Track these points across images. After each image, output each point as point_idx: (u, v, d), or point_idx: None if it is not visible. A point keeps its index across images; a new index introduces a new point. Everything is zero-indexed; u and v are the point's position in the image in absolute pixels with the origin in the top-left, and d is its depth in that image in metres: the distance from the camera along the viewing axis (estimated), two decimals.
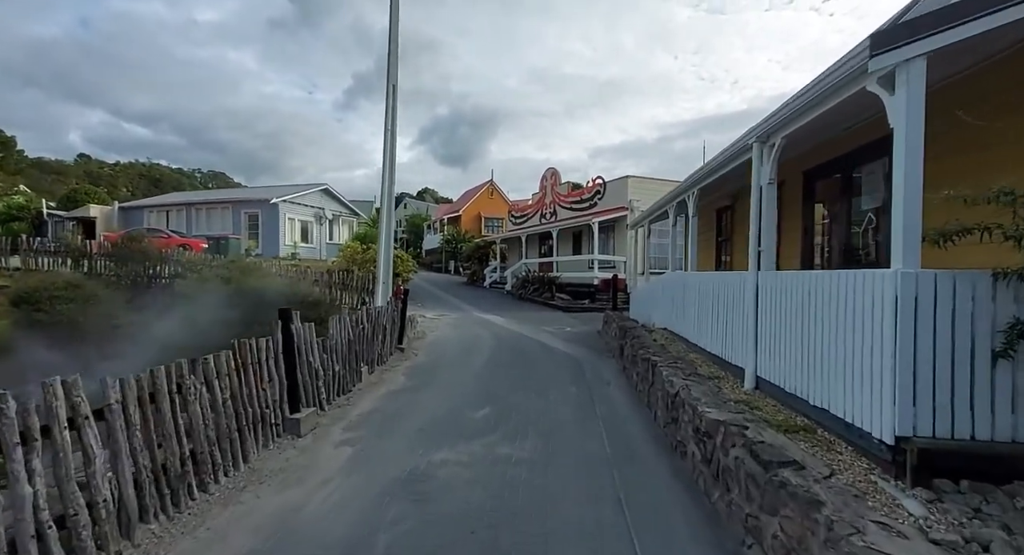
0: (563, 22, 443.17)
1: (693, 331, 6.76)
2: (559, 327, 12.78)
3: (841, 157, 5.34)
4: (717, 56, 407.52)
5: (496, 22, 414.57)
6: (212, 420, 3.66)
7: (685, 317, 7.14)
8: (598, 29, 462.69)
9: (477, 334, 11.50)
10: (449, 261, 32.76)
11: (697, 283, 6.55)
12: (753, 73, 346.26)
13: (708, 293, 6.03)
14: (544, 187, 22.92)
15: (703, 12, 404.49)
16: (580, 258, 18.93)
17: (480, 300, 19.11)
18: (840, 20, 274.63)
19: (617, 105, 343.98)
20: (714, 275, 5.82)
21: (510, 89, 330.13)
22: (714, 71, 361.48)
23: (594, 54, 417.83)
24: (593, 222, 16.63)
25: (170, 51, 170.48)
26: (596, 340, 10.99)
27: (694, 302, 6.64)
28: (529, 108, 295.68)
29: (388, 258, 10.89)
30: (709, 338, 6.02)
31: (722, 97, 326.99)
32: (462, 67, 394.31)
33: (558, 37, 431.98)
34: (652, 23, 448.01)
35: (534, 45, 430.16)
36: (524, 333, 11.77)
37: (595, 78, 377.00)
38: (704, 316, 6.21)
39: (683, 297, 7.19)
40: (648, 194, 16.85)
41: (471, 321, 13.72)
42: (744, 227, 8.58)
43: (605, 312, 11.80)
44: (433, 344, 10.17)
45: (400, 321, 9.01)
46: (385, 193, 10.78)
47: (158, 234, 22.78)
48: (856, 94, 3.21)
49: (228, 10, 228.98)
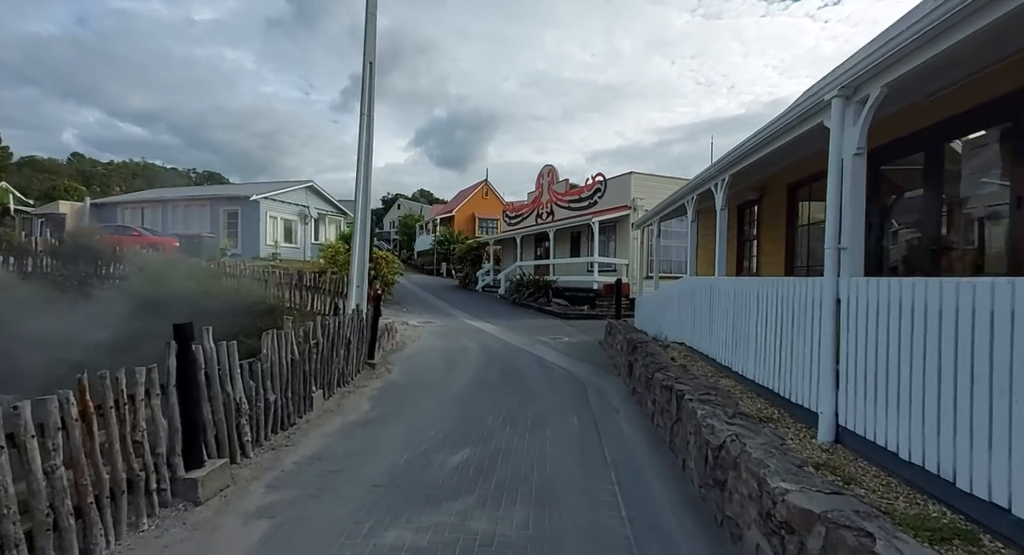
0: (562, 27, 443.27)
1: (724, 350, 5.50)
2: (556, 337, 11.50)
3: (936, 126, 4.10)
4: (714, 61, 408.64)
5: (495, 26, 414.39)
6: (25, 502, 2.35)
7: (712, 332, 5.88)
8: (596, 34, 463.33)
9: (464, 345, 10.20)
10: (441, 263, 31.45)
11: (732, 291, 5.29)
12: (750, 78, 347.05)
13: (750, 304, 4.77)
14: (541, 185, 21.67)
15: (700, 18, 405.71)
16: (579, 261, 17.68)
17: (471, 305, 17.80)
18: (834, 27, 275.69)
19: (615, 109, 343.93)
20: (761, 281, 4.57)
21: (508, 92, 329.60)
22: (711, 76, 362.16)
23: (592, 59, 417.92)
24: (593, 222, 15.39)
25: (167, 50, 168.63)
26: (598, 353, 9.71)
27: (726, 314, 5.38)
28: (527, 112, 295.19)
29: (363, 258, 9.58)
30: (751, 362, 4.76)
31: (719, 102, 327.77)
32: (460, 70, 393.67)
33: (556, 42, 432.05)
34: (649, 29, 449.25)
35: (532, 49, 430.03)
36: (517, 344, 10.48)
37: (593, 82, 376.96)
38: (743, 334, 4.95)
39: (710, 307, 5.93)
40: (653, 192, 15.64)
41: (459, 329, 12.41)
42: (775, 225, 7.34)
43: (608, 321, 10.54)
44: (412, 357, 8.85)
45: (371, 331, 7.70)
46: (360, 183, 9.47)
47: (129, 232, 21.40)
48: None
49: (226, 9, 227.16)
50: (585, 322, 13.99)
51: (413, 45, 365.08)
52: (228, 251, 20.53)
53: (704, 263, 9.37)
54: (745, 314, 4.88)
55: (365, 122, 9.51)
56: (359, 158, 9.45)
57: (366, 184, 9.53)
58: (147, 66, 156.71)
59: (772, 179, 7.21)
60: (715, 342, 5.70)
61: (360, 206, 9.52)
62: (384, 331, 9.04)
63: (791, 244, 6.85)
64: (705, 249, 9.14)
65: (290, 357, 4.95)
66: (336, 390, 6.19)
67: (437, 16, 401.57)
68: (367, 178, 9.55)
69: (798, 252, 6.83)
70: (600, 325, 13.23)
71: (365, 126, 9.49)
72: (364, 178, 9.50)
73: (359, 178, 9.50)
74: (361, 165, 9.44)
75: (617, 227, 16.44)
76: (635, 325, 10.71)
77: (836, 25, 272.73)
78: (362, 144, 9.44)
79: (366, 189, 9.53)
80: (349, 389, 6.46)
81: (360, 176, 9.48)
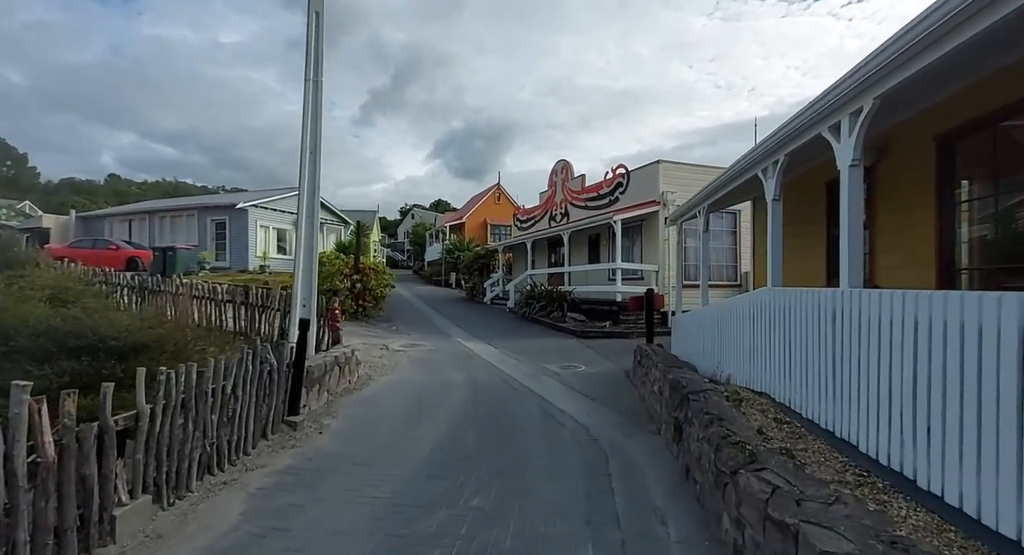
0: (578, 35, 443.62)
1: (883, 431, 2.90)
2: (569, 364, 8.97)
3: None
4: (734, 64, 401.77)
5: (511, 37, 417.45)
6: None
7: (845, 390, 3.28)
8: (613, 41, 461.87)
9: (447, 380, 7.77)
10: (450, 273, 29.21)
11: (912, 319, 2.68)
12: (771, 80, 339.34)
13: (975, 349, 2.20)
14: (554, 183, 19.25)
15: (718, 20, 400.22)
16: (598, 268, 15.12)
17: (473, 321, 15.39)
18: (859, 25, 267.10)
19: (633, 115, 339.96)
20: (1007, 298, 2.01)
21: (525, 102, 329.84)
22: (731, 79, 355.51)
23: (609, 66, 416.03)
24: (614, 221, 12.85)
25: (196, 73, 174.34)
26: (624, 390, 7.17)
27: (893, 366, 2.79)
28: (544, 120, 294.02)
29: (309, 264, 7.28)
30: (967, 470, 2.20)
31: (740, 105, 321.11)
32: (477, 81, 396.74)
33: (573, 50, 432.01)
34: (667, 33, 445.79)
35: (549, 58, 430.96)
36: (518, 376, 7.99)
37: (610, 89, 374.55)
38: (947, 407, 2.38)
39: (842, 342, 3.33)
40: (685, 185, 13.05)
41: (450, 355, 9.99)
42: (911, 203, 4.73)
43: (637, 345, 7.98)
44: (368, 404, 6.46)
45: (293, 376, 5.31)
46: (306, 162, 7.21)
47: (107, 245, 19.81)
48: None
49: (250, 32, 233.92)
50: (606, 342, 11.42)
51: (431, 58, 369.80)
52: (207, 264, 18.65)
53: (794, 265, 6.76)
54: (966, 369, 2.32)
55: (311, 87, 7.27)
56: (304, 128, 7.20)
57: (313, 163, 7.27)
58: (177, 89, 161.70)
59: (903, 129, 4.62)
60: (859, 413, 3.10)
61: (305, 192, 7.25)
62: (334, 367, 6.68)
63: (945, 233, 4.24)
64: (798, 243, 6.53)
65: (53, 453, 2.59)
66: (194, 486, 3.81)
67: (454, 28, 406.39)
68: (314, 154, 7.29)
69: (956, 246, 4.21)
70: (625, 346, 10.64)
71: (311, 90, 7.26)
72: (310, 153, 7.24)
73: (304, 154, 7.24)
74: (306, 137, 7.19)
75: (643, 227, 13.86)
76: (672, 350, 8.12)
77: (860, 23, 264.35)
78: (307, 109, 7.21)
79: (313, 169, 7.27)
80: (226, 478, 4.07)
81: (305, 151, 7.22)
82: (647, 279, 13.54)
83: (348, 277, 14.32)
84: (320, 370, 6.11)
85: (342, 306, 14.02)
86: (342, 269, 14.66)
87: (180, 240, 22.17)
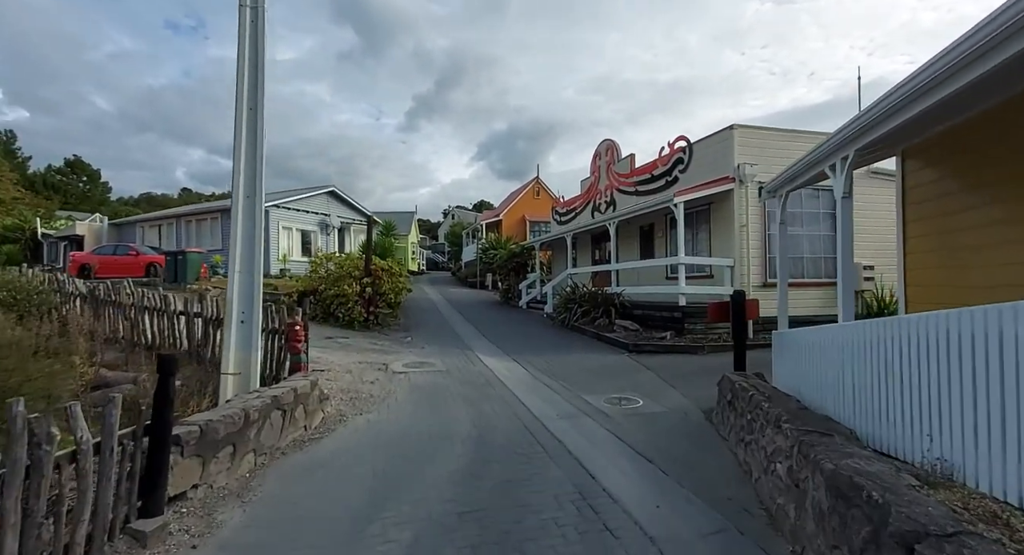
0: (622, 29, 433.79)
1: None
2: (622, 396, 6.47)
3: None
4: (790, 49, 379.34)
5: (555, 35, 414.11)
6: None
7: None
8: (659, 33, 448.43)
9: (447, 426, 5.48)
10: (485, 274, 27.11)
11: None
12: (833, 62, 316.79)
13: None
14: (597, 168, 16.64)
15: (771, 4, 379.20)
16: (652, 264, 12.43)
17: (502, 330, 13.08)
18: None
19: (681, 108, 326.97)
20: None
21: (568, 100, 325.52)
22: (787, 65, 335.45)
23: (655, 58, 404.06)
24: (675, 203, 10.14)
25: None
26: (709, 448, 4.61)
27: None
28: (588, 118, 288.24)
29: (251, 267, 5.22)
30: None
31: (797, 91, 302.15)
32: (520, 81, 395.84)
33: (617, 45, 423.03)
34: (716, 22, 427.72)
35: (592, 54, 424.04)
36: (548, 421, 5.58)
37: (657, 83, 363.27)
38: None
39: None
40: (768, 155, 10.22)
41: (462, 380, 7.72)
42: None
43: (724, 377, 5.36)
44: (314, 471, 4.25)
45: (151, 444, 3.13)
46: (243, 127, 5.14)
47: (127, 251, 19.06)
48: None
49: (304, 48, 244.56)
50: (668, 360, 8.78)
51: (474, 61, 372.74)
52: (220, 267, 17.41)
53: (974, 258, 4.02)
54: None
55: (247, 15, 5.20)
56: (239, 73, 5.15)
57: (254, 123, 5.21)
58: None
59: None
60: None
61: (243, 161, 5.21)
62: (270, 413, 4.53)
63: None
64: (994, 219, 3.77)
65: None
66: None
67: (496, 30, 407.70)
68: (255, 111, 5.22)
69: None
70: (696, 367, 8.00)
71: (248, 20, 5.19)
72: (248, 109, 5.18)
73: (240, 108, 5.18)
74: (243, 84, 5.13)
75: (712, 211, 11.05)
76: (775, 381, 5.46)
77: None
78: (243, 45, 5.15)
79: (254, 131, 5.21)
80: None
81: (241, 104, 5.16)
82: (718, 277, 10.74)
83: (358, 280, 12.39)
84: (235, 423, 3.96)
85: (350, 314, 12.11)
86: (351, 271, 12.76)
87: (205, 244, 21.28)
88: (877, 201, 10.99)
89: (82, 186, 75.37)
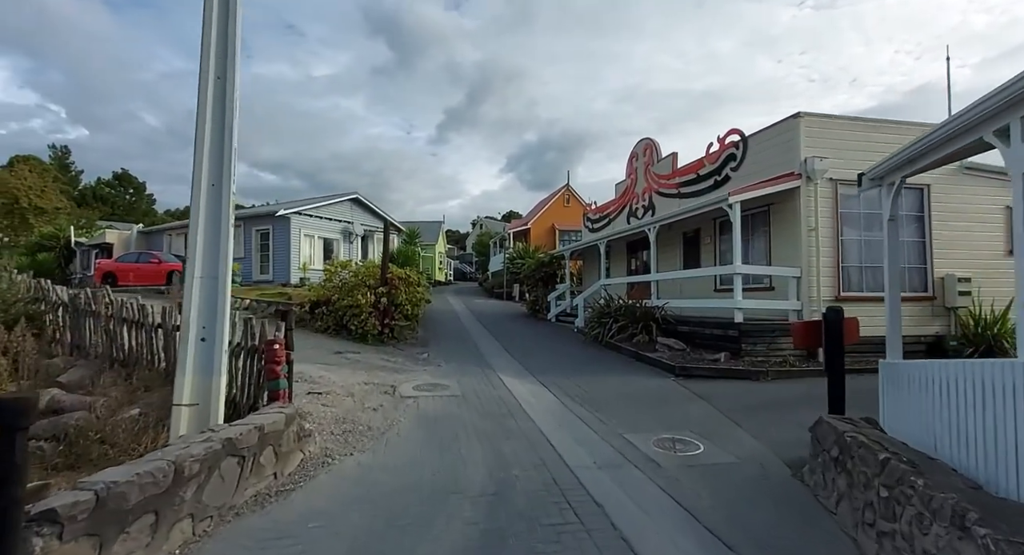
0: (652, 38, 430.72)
1: None
2: (675, 436, 5.15)
3: None
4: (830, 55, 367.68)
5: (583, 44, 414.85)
6: None
7: None
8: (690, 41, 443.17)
9: (459, 466, 4.31)
10: (513, 285, 25.99)
11: None
12: (876, 67, 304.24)
13: None
14: (634, 170, 15.37)
15: (808, 10, 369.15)
16: (700, 274, 11.03)
17: (529, 346, 11.88)
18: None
19: (715, 116, 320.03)
20: None
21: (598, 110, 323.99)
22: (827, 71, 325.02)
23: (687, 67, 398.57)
24: (732, 203, 8.76)
25: (292, 105, 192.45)
26: (804, 523, 3.24)
27: None
28: (618, 128, 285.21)
29: (215, 272, 4.23)
30: None
31: (838, 98, 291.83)
32: (549, 92, 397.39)
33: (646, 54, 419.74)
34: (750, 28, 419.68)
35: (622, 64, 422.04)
36: (582, 470, 4.32)
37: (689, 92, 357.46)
38: None
39: None
40: (843, 148, 8.79)
41: (479, 409, 6.54)
42: None
43: (821, 421, 4.00)
44: (267, 544, 3.15)
45: None
46: (208, 98, 4.19)
47: (149, 259, 18.88)
48: None
49: (339, 64, 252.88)
50: (725, 387, 7.38)
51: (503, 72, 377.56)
52: (237, 276, 16.87)
53: None
54: None
55: None
56: (205, 29, 4.22)
57: (222, 94, 4.26)
58: (276, 121, 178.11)
59: None
60: None
61: (207, 142, 4.25)
62: (219, 462, 3.47)
63: None
64: None
65: None
66: None
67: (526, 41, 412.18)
68: (223, 81, 4.28)
69: None
70: (763, 398, 6.62)
71: None
72: (215, 78, 4.24)
73: (205, 79, 4.24)
74: (209, 47, 4.20)
75: (772, 213, 9.61)
76: (887, 428, 4.06)
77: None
78: None
79: (222, 104, 4.26)
80: None
81: (207, 76, 4.23)
82: (780, 289, 9.26)
83: (373, 290, 11.46)
84: (157, 482, 2.89)
85: (363, 327, 11.16)
86: (367, 280, 11.84)
87: None
88: (972, 202, 9.34)
89: (128, 198, 78.90)
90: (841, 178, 8.87)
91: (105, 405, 5.02)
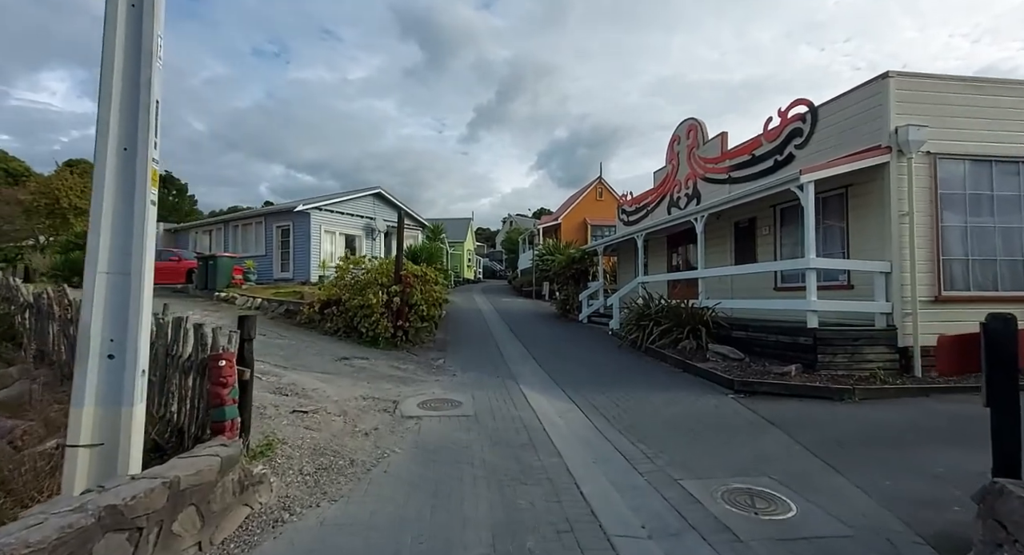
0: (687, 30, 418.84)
1: None
2: (748, 485, 3.75)
3: None
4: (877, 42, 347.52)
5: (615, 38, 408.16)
6: None
7: None
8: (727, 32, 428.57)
9: (455, 529, 3.08)
10: (542, 282, 24.69)
11: None
12: (931, 53, 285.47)
13: None
14: (675, 154, 13.81)
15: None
16: (758, 270, 9.47)
17: (557, 353, 10.59)
18: None
19: (753, 108, 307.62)
20: None
21: (630, 104, 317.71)
22: (874, 58, 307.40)
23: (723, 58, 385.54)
24: (803, 183, 7.21)
25: (329, 108, 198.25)
26: None
27: None
28: (651, 122, 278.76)
29: (133, 266, 3.16)
30: None
31: None
32: (580, 88, 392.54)
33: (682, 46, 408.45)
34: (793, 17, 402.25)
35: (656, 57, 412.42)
36: (629, 529, 3.00)
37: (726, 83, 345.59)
38: None
39: None
40: (946, 114, 7.13)
41: (492, 436, 5.33)
42: None
43: (987, 491, 2.60)
44: None
45: None
46: (119, 25, 3.12)
47: (168, 257, 18.58)
48: None
49: (372, 66, 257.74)
50: (801, 409, 5.90)
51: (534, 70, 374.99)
52: (252, 273, 16.26)
53: None
54: None
55: None
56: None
57: (136, 20, 3.16)
58: (314, 124, 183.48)
59: None
60: None
61: (116, 85, 3.16)
62: (136, 527, 2.38)
63: None
64: None
65: None
66: None
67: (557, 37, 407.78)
68: (138, 7, 3.18)
69: None
70: (855, 424, 5.12)
71: None
72: (131, 4, 3.14)
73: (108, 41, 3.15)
74: None
75: (850, 196, 7.98)
76: None
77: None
78: None
79: (136, 35, 3.16)
80: None
81: (114, 32, 3.13)
82: (863, 287, 7.64)
83: (385, 289, 10.42)
84: None
85: (374, 328, 10.14)
86: (380, 278, 10.83)
87: (251, 250, 20.59)
88: None
89: (172, 199, 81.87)
90: (942, 152, 7.19)
91: (30, 432, 4.07)
